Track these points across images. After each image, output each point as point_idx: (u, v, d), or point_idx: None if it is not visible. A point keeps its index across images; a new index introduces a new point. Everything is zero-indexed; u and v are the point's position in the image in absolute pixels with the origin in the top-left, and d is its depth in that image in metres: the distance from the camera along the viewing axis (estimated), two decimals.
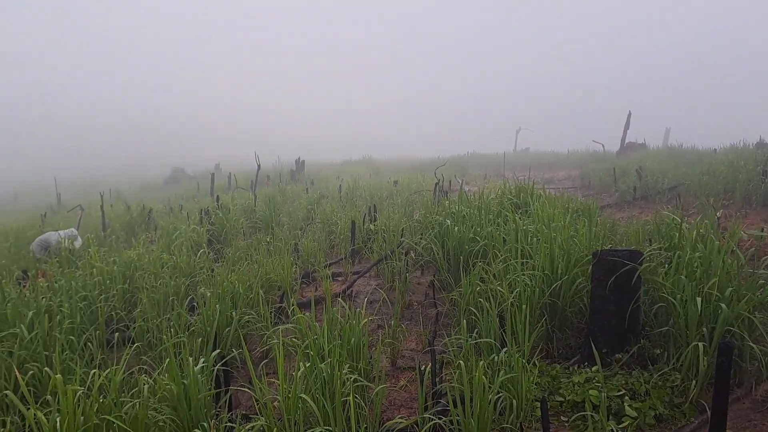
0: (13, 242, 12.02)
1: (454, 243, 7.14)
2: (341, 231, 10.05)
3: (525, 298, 4.99)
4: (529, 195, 8.72)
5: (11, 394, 3.81)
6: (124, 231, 12.94)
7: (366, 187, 16.61)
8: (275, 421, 3.76)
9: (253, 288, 6.72)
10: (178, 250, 8.97)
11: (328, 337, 4.50)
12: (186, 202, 17.76)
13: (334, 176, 23.83)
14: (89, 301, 6.78)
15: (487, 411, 3.56)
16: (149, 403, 3.83)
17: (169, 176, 32.33)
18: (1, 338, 5.60)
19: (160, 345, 5.54)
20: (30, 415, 3.56)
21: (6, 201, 34.29)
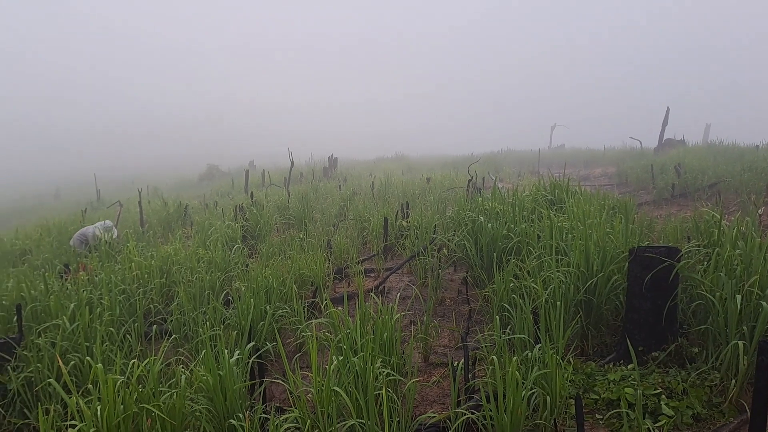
0: (56, 237, 12.35)
1: (487, 240, 7.10)
2: (374, 227, 10.08)
3: (560, 295, 4.95)
4: (564, 192, 8.62)
5: (54, 382, 3.93)
6: (161, 226, 13.18)
7: (398, 184, 16.62)
8: (309, 413, 3.80)
9: (287, 283, 6.79)
10: (214, 245, 9.10)
11: (361, 331, 4.53)
12: (220, 199, 18.01)
13: (366, 173, 23.89)
14: (128, 294, 6.93)
15: (521, 407, 3.54)
16: (186, 394, 3.91)
17: (204, 173, 32.80)
18: (44, 329, 5.79)
19: (196, 337, 5.65)
20: (72, 402, 3.67)
21: (48, 198, 35.26)
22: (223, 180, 28.25)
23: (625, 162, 21.17)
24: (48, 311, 6.20)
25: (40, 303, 6.38)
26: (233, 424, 3.75)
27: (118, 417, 3.57)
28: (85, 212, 16.09)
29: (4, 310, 6.74)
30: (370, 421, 3.61)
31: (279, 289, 6.62)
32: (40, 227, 14.13)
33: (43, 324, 5.90)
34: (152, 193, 20.53)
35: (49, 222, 14.49)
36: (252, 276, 6.91)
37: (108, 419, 3.55)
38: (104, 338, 5.45)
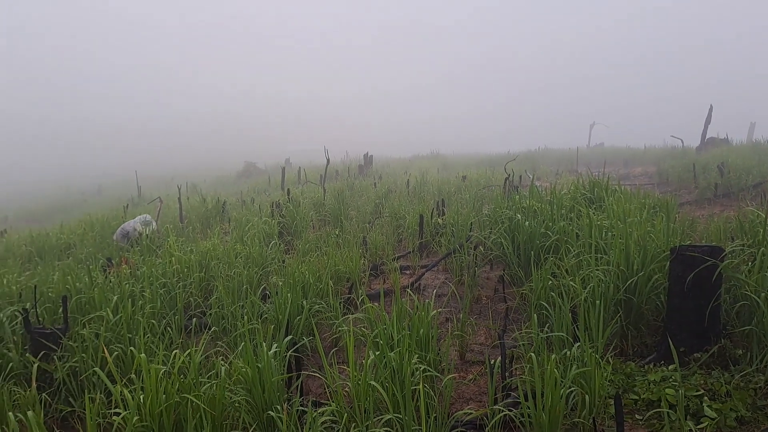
0: (98, 231, 12.68)
1: (524, 238, 7.04)
2: (409, 225, 10.09)
3: (599, 294, 4.88)
4: (603, 190, 8.50)
5: (99, 371, 4.04)
6: (200, 222, 13.40)
7: (434, 182, 16.58)
8: (345, 407, 3.83)
9: (323, 279, 6.84)
10: (251, 241, 9.23)
11: (397, 327, 4.54)
12: (257, 196, 18.22)
13: (402, 171, 23.90)
14: (168, 288, 7.08)
15: (559, 405, 3.51)
16: (225, 385, 3.98)
17: (242, 170, 33.22)
18: (89, 320, 5.95)
19: (235, 331, 5.74)
20: (116, 391, 3.77)
21: (91, 194, 36.17)
22: (260, 177, 28.59)
23: (665, 161, 20.73)
24: (92, 303, 6.37)
25: (85, 295, 6.55)
26: (271, 416, 3.80)
27: (160, 406, 3.66)
28: (127, 208, 16.46)
29: (50, 302, 6.96)
30: (407, 416, 3.62)
31: (315, 285, 6.68)
32: (83, 222, 14.52)
33: (88, 315, 6.06)
34: (191, 189, 20.91)
35: (92, 217, 14.88)
36: (289, 271, 6.99)
37: (151, 408, 3.63)
38: (146, 330, 5.58)
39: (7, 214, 29.03)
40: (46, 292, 7.17)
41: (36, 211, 30.08)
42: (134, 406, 3.60)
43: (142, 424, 3.64)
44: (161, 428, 3.68)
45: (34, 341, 5.71)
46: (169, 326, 6.09)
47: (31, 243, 12.74)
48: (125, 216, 14.47)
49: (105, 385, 4.44)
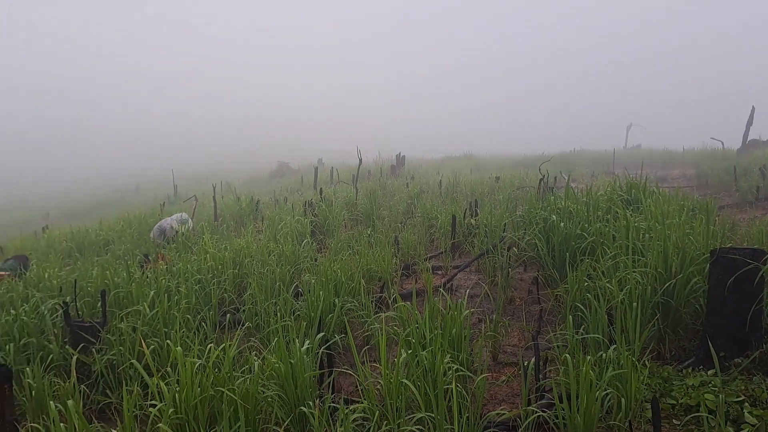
0: (136, 228, 12.94)
1: (559, 239, 6.96)
2: (441, 225, 10.05)
3: (636, 296, 4.80)
4: (641, 191, 8.34)
5: (136, 363, 4.11)
6: (234, 220, 13.55)
7: (466, 183, 16.50)
8: (377, 405, 3.84)
9: (355, 278, 6.86)
10: (284, 239, 9.30)
11: (430, 326, 4.53)
12: (290, 195, 18.36)
13: (434, 172, 23.84)
14: (203, 284, 7.18)
15: (594, 407, 3.45)
16: (259, 380, 4.02)
17: (275, 170, 33.53)
18: (126, 314, 6.07)
19: (268, 327, 5.79)
20: (153, 383, 3.84)
21: (129, 192, 36.91)
22: (293, 177, 28.81)
23: (705, 163, 20.29)
24: (129, 298, 6.50)
25: (123, 290, 6.69)
26: (303, 411, 3.82)
27: (195, 399, 3.71)
28: (164, 206, 16.76)
29: (89, 296, 7.13)
30: (438, 415, 3.61)
31: (347, 283, 6.70)
32: (121, 219, 14.81)
33: (125, 309, 6.19)
34: (225, 188, 21.18)
35: (130, 215, 15.17)
36: (321, 270, 7.03)
37: (186, 400, 3.69)
38: (181, 325, 5.67)
39: (49, 211, 29.82)
40: (86, 287, 7.34)
41: (76, 208, 30.81)
42: (170, 398, 3.66)
43: (177, 416, 3.70)
44: (196, 421, 3.73)
45: (73, 334, 5.85)
46: (204, 322, 6.18)
47: (71, 239, 13.07)
48: (162, 214, 14.73)
49: (141, 378, 4.51)
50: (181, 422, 3.70)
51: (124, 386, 3.70)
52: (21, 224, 24.27)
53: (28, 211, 32.72)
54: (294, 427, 3.97)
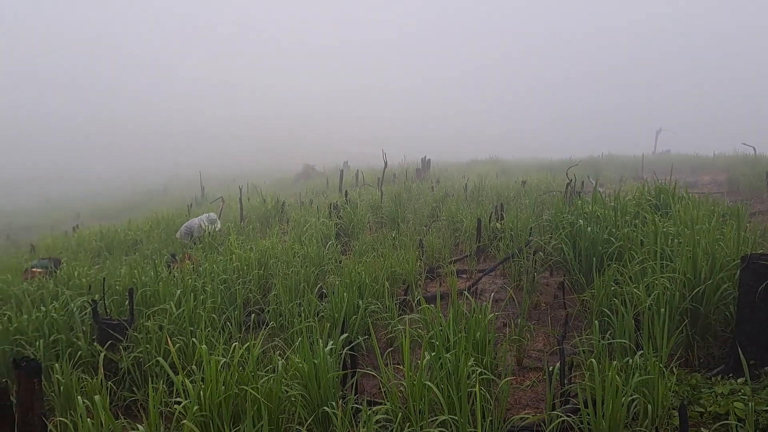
0: (164, 228, 13.10)
1: (586, 243, 6.88)
2: (466, 229, 10.01)
3: (664, 302, 4.72)
4: (670, 196, 8.21)
5: (162, 361, 4.16)
6: (260, 222, 13.65)
7: (492, 187, 16.39)
8: (400, 407, 3.83)
9: (379, 280, 6.85)
10: (309, 241, 9.34)
11: (454, 329, 4.51)
12: (315, 197, 18.43)
13: (459, 175, 23.74)
14: (228, 284, 7.24)
15: (620, 413, 3.40)
16: (282, 379, 4.03)
17: (301, 172, 33.70)
18: (153, 312, 6.15)
19: (292, 328, 5.81)
20: (178, 381, 3.88)
21: (157, 193, 37.41)
22: (318, 179, 28.93)
23: (736, 169, 19.88)
24: (157, 296, 6.58)
25: (150, 288, 6.77)
26: (327, 412, 3.83)
27: (219, 396, 3.74)
28: (191, 207, 16.95)
29: (117, 294, 7.23)
30: (462, 418, 3.58)
31: (371, 286, 6.70)
32: (150, 220, 15.02)
33: (152, 308, 6.27)
34: (251, 190, 21.30)
35: (158, 215, 15.38)
36: (345, 271, 7.04)
37: (211, 398, 3.72)
38: (207, 324, 5.72)
39: (80, 211, 30.36)
40: (114, 285, 7.44)
41: (106, 209, 31.33)
42: (195, 396, 3.69)
43: (202, 413, 3.73)
44: (220, 418, 3.76)
45: (101, 331, 5.94)
46: (229, 321, 6.23)
47: (100, 238, 13.28)
48: (189, 215, 14.90)
49: (167, 375, 4.56)
50: (206, 420, 3.73)
51: (150, 383, 3.74)
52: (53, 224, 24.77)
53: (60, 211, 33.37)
54: (317, 427, 3.98)
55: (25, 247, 15.30)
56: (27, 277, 9.01)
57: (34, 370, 3.19)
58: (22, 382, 3.17)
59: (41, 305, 6.66)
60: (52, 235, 16.57)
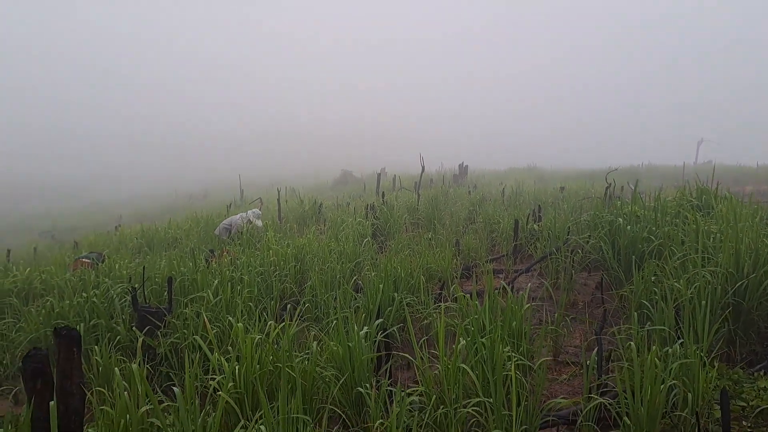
0: (203, 227, 13.32)
1: (625, 242, 6.75)
2: (503, 230, 9.92)
3: (705, 295, 4.58)
4: (712, 197, 8.00)
5: (199, 340, 4.21)
6: (297, 223, 13.75)
7: (530, 192, 16.23)
8: (434, 390, 3.79)
9: (415, 275, 6.83)
10: (345, 239, 9.36)
11: (490, 317, 4.46)
12: (353, 201, 18.50)
13: (497, 182, 23.57)
14: (265, 276, 7.31)
15: (659, 397, 3.31)
16: (317, 361, 4.04)
17: (338, 178, 33.90)
18: (190, 300, 6.24)
19: (327, 318, 5.83)
20: (214, 359, 3.92)
21: (198, 197, 38.07)
22: (355, 185, 29.07)
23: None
24: (195, 285, 6.68)
25: (188, 278, 6.88)
26: (360, 393, 3.82)
27: (254, 373, 3.76)
28: (230, 207, 17.20)
29: (156, 285, 7.37)
30: (497, 401, 3.53)
31: (407, 280, 6.67)
32: (189, 219, 15.29)
33: (190, 296, 6.36)
34: (290, 193, 21.52)
35: (197, 215, 15.64)
36: (381, 266, 7.03)
37: (246, 375, 3.74)
38: (243, 312, 5.77)
39: (122, 214, 31.07)
40: (153, 277, 7.58)
41: (147, 212, 31.97)
42: (229, 372, 3.72)
43: (237, 390, 3.75)
44: (255, 396, 3.78)
45: (140, 318, 6.05)
46: (265, 312, 6.28)
47: (141, 236, 13.57)
48: (228, 214, 15.10)
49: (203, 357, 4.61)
50: (240, 397, 3.76)
51: (186, 359, 3.77)
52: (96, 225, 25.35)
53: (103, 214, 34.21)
54: (350, 408, 3.97)
55: (69, 244, 15.73)
56: (76, 266, 9.27)
57: (73, 339, 3.26)
58: (62, 350, 3.23)
59: (83, 292, 6.82)
60: (94, 233, 16.98)
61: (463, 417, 3.59)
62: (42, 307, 6.88)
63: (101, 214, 33.92)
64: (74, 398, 3.22)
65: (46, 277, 8.92)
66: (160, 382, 5.26)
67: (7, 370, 6.35)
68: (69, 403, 3.20)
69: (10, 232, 28.88)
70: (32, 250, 14.89)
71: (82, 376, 3.32)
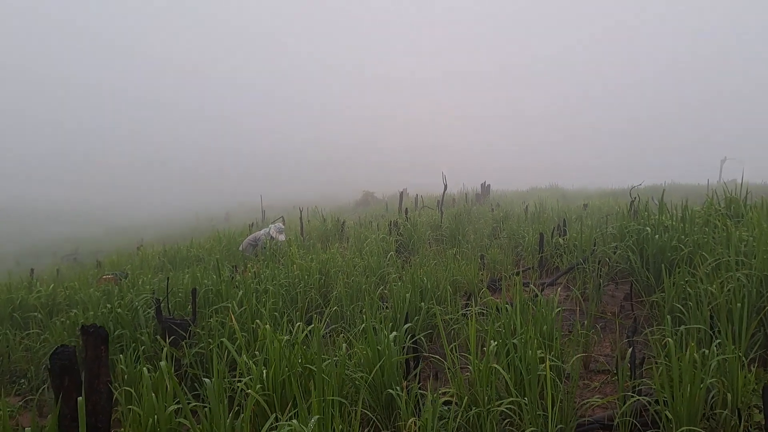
0: (225, 245, 13.36)
1: (654, 250, 6.62)
2: (528, 244, 9.81)
3: (740, 297, 4.44)
4: (742, 205, 7.84)
5: (227, 342, 4.16)
6: (320, 241, 13.74)
7: (553, 210, 16.07)
8: (466, 391, 3.70)
9: (441, 286, 6.75)
10: (369, 254, 9.31)
11: (521, 320, 4.36)
12: (375, 220, 18.47)
13: (519, 201, 23.43)
14: (289, 288, 7.27)
15: (699, 393, 3.18)
16: (345, 363, 3.97)
17: (360, 199, 33.96)
18: (215, 310, 6.21)
19: (353, 327, 5.76)
20: (242, 361, 3.87)
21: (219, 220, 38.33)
22: (377, 205, 29.07)
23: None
24: (219, 296, 6.65)
25: (212, 290, 6.86)
26: (391, 395, 3.73)
27: (283, 375, 3.70)
28: (252, 226, 17.25)
29: (180, 298, 7.36)
30: (531, 401, 3.43)
31: (433, 291, 6.59)
32: (211, 238, 15.35)
33: (216, 305, 6.33)
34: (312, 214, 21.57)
35: (219, 233, 15.70)
36: (407, 276, 6.96)
37: (274, 377, 3.68)
38: (268, 321, 5.73)
39: (143, 236, 31.32)
40: (177, 292, 7.58)
41: (169, 234, 32.20)
42: (257, 374, 3.67)
43: (265, 392, 3.69)
44: (283, 398, 3.71)
45: (165, 329, 6.03)
46: (290, 323, 6.23)
47: (163, 255, 13.64)
48: (250, 233, 15.14)
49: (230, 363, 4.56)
50: (269, 399, 3.69)
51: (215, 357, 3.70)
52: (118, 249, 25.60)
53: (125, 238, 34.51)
54: (381, 411, 3.89)
55: (92, 264, 15.86)
56: (100, 283, 9.34)
57: (101, 337, 3.23)
58: (90, 349, 3.21)
59: (107, 303, 6.83)
60: (117, 253, 17.11)
61: (496, 417, 3.49)
62: (66, 318, 6.90)
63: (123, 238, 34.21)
64: (102, 397, 3.19)
65: (69, 293, 8.97)
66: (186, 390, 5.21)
67: (32, 382, 6.35)
68: (96, 401, 3.16)
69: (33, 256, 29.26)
70: (55, 272, 15.03)
71: (110, 375, 3.29)
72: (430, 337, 5.97)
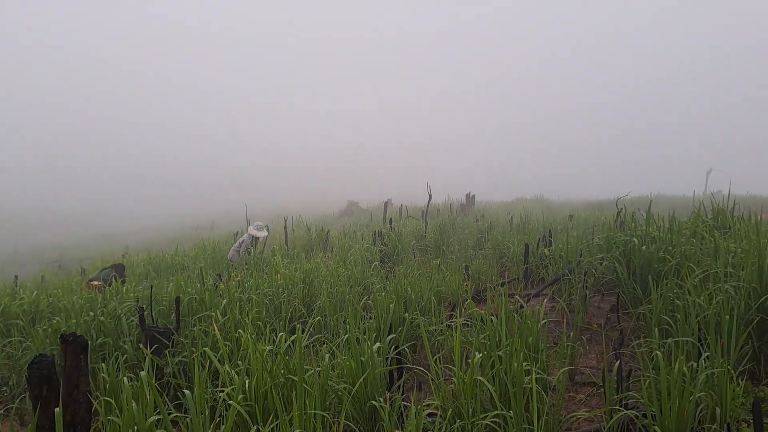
0: (210, 254, 13.26)
1: (641, 262, 6.64)
2: (513, 255, 9.81)
3: (728, 309, 4.46)
4: (729, 216, 7.90)
5: (209, 351, 4.10)
6: (304, 251, 13.68)
7: (539, 221, 16.12)
8: (450, 402, 3.67)
9: (425, 297, 6.72)
10: (353, 264, 9.28)
11: (506, 331, 4.34)
12: (359, 229, 18.43)
13: (504, 211, 23.48)
14: (273, 298, 7.21)
15: (688, 407, 3.18)
16: (328, 374, 3.93)
17: (345, 209, 33.88)
18: (198, 319, 6.14)
19: (337, 338, 5.71)
20: (224, 371, 3.81)
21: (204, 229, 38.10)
22: (362, 215, 29.02)
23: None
24: (203, 305, 6.59)
25: (196, 298, 6.79)
26: (374, 406, 3.69)
27: (265, 386, 3.65)
28: (237, 234, 17.15)
29: (164, 306, 7.27)
30: (517, 416, 3.41)
31: (417, 302, 6.56)
32: (196, 247, 15.24)
33: (199, 314, 6.26)
34: (296, 222, 21.49)
35: (204, 242, 15.60)
36: (391, 287, 6.93)
37: (256, 387, 3.63)
38: (252, 330, 5.67)
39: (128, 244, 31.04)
40: (161, 300, 7.49)
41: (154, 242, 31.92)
42: (239, 384, 3.62)
43: (247, 403, 3.64)
44: (265, 409, 3.66)
45: (148, 338, 5.95)
46: (274, 332, 6.17)
47: (148, 263, 13.51)
48: (234, 242, 15.05)
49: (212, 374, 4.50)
50: (251, 410, 3.64)
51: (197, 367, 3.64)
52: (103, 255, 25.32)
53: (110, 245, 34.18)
54: (364, 423, 3.84)
55: (76, 271, 15.68)
56: (89, 288, 9.26)
57: (80, 346, 3.17)
58: (69, 358, 3.14)
59: (90, 311, 6.74)
60: (101, 260, 16.93)
61: (481, 430, 3.46)
62: (49, 326, 6.79)
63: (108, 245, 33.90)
64: (81, 407, 3.12)
65: (53, 300, 8.84)
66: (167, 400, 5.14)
67: (13, 390, 6.24)
68: (75, 411, 3.10)
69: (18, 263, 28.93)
70: (39, 278, 14.84)
71: (89, 385, 3.23)
72: (414, 348, 5.93)
